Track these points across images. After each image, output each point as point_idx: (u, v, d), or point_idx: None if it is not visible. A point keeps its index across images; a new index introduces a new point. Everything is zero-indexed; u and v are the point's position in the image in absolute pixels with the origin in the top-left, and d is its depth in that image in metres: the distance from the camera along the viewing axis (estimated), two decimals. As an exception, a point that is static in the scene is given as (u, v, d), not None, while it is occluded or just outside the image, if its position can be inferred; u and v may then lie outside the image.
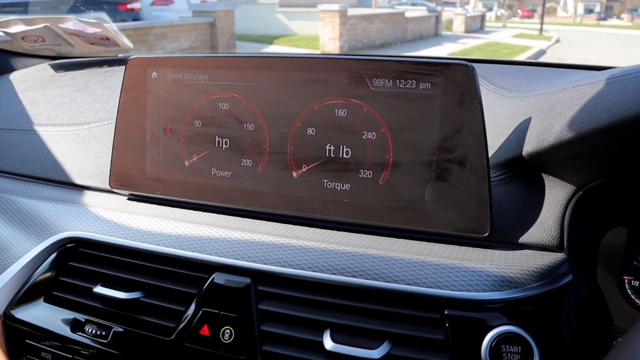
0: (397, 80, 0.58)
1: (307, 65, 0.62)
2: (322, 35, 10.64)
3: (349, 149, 0.61)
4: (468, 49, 11.80)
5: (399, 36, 13.15)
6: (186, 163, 0.68)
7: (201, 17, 8.51)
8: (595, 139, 0.49)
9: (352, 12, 11.47)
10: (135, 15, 7.05)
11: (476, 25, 19.41)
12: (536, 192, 0.59)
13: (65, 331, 0.65)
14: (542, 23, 20.95)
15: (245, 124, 0.65)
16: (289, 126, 0.63)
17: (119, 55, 1.19)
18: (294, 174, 0.63)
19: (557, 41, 16.63)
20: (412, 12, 15.25)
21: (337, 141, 0.61)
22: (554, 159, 0.55)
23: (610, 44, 16.71)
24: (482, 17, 21.24)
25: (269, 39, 10.90)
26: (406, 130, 0.58)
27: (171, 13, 8.46)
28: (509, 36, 17.32)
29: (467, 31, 17.42)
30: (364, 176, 0.60)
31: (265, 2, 14.70)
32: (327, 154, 0.61)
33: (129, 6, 6.91)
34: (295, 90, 0.62)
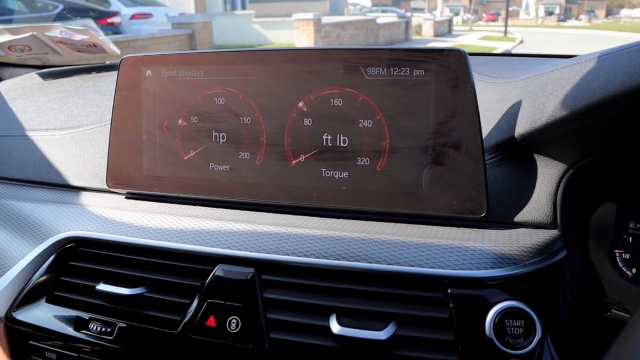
0: (391, 68, 0.60)
1: (302, 57, 0.63)
2: (297, 42, 10.74)
3: (345, 138, 0.62)
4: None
5: (371, 42, 13.35)
6: (184, 159, 0.69)
7: (180, 29, 8.57)
8: (589, 116, 0.50)
9: (325, 20, 11.62)
10: (115, 29, 7.07)
11: (444, 30, 19.81)
12: (529, 172, 0.61)
13: (69, 330, 0.65)
14: (506, 25, 21.56)
15: (241, 118, 0.66)
16: (286, 118, 0.64)
17: (107, 62, 1.20)
18: (292, 165, 0.64)
19: (521, 42, 17.10)
20: (383, 19, 15.57)
21: (333, 130, 0.62)
22: (545, 139, 0.57)
23: (570, 43, 17.26)
24: (450, 22, 21.75)
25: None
26: (402, 116, 0.59)
27: (150, 26, 8.48)
28: (476, 39, 17.67)
29: (436, 35, 17.71)
30: (362, 163, 0.61)
31: (242, 13, 14.78)
32: (324, 143, 0.62)
33: (109, 20, 6.93)
34: (291, 82, 0.63)
